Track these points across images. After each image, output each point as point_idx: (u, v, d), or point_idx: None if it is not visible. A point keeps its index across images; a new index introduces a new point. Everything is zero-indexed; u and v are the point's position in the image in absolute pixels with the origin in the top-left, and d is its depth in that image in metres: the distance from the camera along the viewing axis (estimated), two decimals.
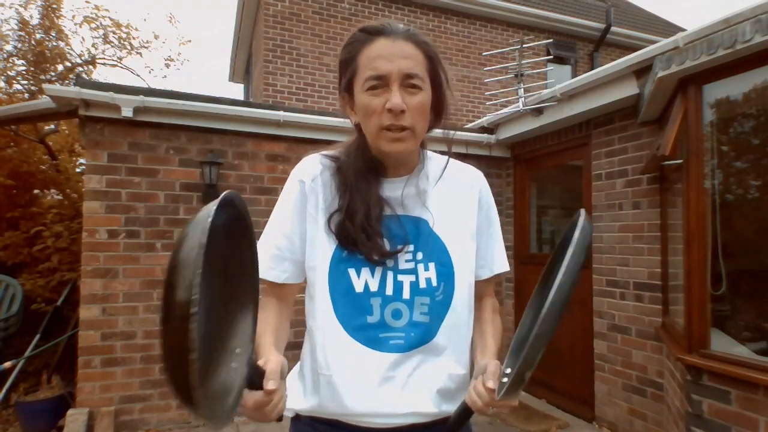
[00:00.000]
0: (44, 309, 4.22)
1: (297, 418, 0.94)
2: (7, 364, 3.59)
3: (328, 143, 3.95)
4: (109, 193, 3.31)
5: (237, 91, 12.05)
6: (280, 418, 0.76)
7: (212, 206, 0.57)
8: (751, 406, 2.11)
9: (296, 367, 0.98)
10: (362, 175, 0.92)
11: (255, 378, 0.68)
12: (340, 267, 0.89)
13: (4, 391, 3.67)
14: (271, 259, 0.92)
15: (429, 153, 1.00)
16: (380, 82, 0.84)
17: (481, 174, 1.03)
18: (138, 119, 3.31)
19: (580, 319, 3.70)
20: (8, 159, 4.93)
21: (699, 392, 2.33)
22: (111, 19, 8.13)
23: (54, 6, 7.18)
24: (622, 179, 3.32)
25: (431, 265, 0.90)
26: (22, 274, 4.40)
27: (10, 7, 7.02)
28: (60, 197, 5.43)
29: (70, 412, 3.14)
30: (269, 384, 0.68)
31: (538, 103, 3.76)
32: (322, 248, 0.91)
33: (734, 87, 2.44)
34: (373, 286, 0.88)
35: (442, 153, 1.01)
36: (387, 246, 0.89)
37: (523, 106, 3.86)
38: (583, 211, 0.78)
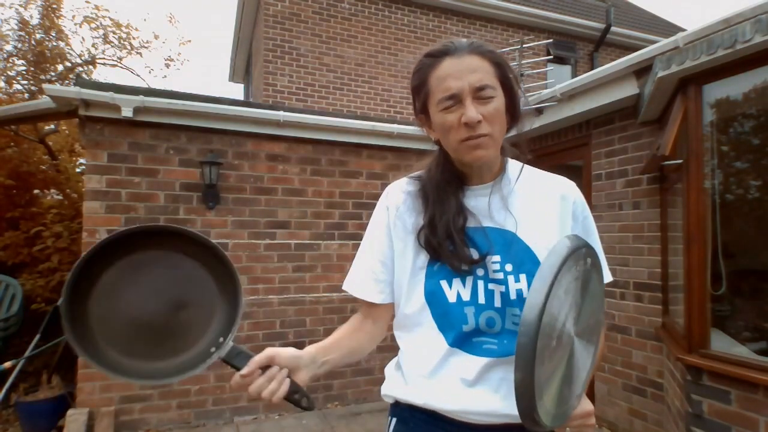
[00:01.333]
0: (44, 309, 4.22)
1: (396, 405, 1.00)
2: (7, 364, 3.58)
3: (328, 143, 3.98)
4: (109, 193, 3.31)
5: (237, 91, 12.07)
6: (296, 403, 0.87)
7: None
8: (751, 406, 2.11)
9: (394, 360, 1.04)
10: (442, 187, 0.96)
11: (235, 362, 0.82)
12: (434, 279, 0.94)
13: (4, 391, 3.67)
14: (370, 282, 1.00)
15: (510, 160, 1.02)
16: (453, 101, 0.87)
17: (573, 185, 1.01)
18: (138, 119, 3.31)
19: None
20: (8, 159, 4.93)
21: (699, 392, 2.33)
22: (111, 19, 8.13)
23: (54, 6, 7.17)
24: (622, 179, 3.32)
25: (522, 277, 0.90)
26: (22, 274, 4.40)
27: (10, 7, 7.01)
28: (60, 197, 5.43)
29: (70, 412, 3.14)
30: (243, 369, 0.80)
31: (538, 103, 3.76)
32: (417, 264, 0.96)
33: (734, 87, 2.44)
34: (465, 296, 0.91)
35: (519, 159, 1.03)
36: (472, 256, 0.91)
37: (523, 106, 3.86)
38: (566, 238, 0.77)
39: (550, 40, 6.16)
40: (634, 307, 3.22)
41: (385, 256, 1.00)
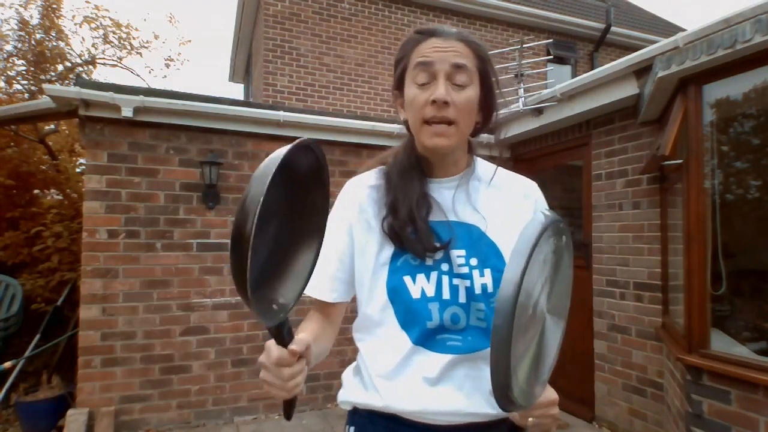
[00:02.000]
0: (44, 309, 4.22)
1: (355, 411, 0.96)
2: (7, 364, 3.59)
3: (328, 143, 3.97)
4: (109, 193, 3.31)
5: (237, 91, 12.07)
6: (290, 409, 0.77)
7: (286, 147, 0.67)
8: (751, 406, 2.11)
9: (353, 364, 1.01)
10: (406, 173, 0.94)
11: (285, 333, 0.70)
12: (397, 275, 0.90)
13: (4, 391, 3.67)
14: (324, 279, 0.95)
15: (479, 159, 1.01)
16: (428, 75, 0.86)
17: (535, 185, 1.01)
18: (138, 119, 3.31)
19: (580, 319, 3.70)
20: (8, 159, 4.93)
21: (699, 392, 2.33)
22: (111, 19, 8.12)
23: (54, 6, 7.17)
24: (622, 179, 3.32)
25: (487, 272, 0.89)
26: (22, 274, 4.40)
27: (10, 7, 7.01)
28: (60, 197, 5.43)
29: (70, 412, 3.14)
30: (294, 345, 0.70)
31: (538, 103, 3.76)
32: (379, 260, 0.92)
33: (734, 87, 2.44)
34: (430, 292, 0.88)
35: (490, 158, 1.02)
36: (435, 243, 0.89)
37: (523, 106, 3.86)
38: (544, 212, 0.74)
39: (550, 40, 6.15)
40: (634, 307, 3.22)
41: (344, 254, 0.95)
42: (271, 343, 0.71)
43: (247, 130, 3.66)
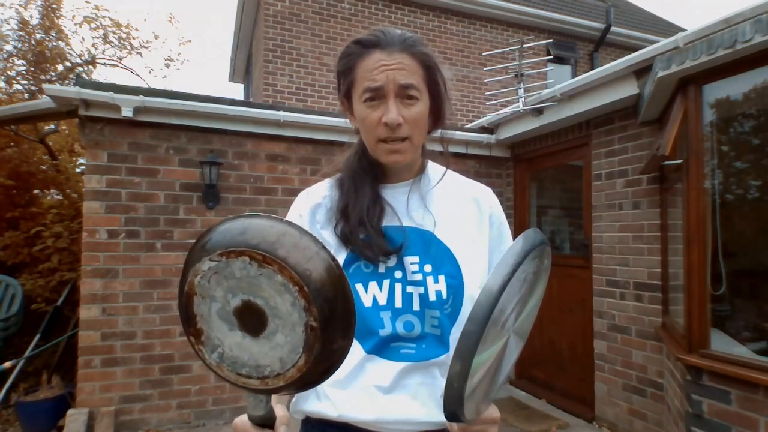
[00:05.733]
0: (44, 309, 4.22)
1: (307, 421, 0.94)
2: (7, 364, 3.59)
3: (328, 143, 3.96)
4: (109, 193, 3.31)
5: (237, 91, 12.09)
6: None
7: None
8: (751, 406, 2.11)
9: None
10: (358, 178, 0.93)
11: (268, 419, 0.72)
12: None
13: (4, 391, 3.68)
14: None
15: (431, 163, 1.00)
16: (376, 94, 0.85)
17: (489, 191, 1.01)
18: (138, 119, 3.31)
19: (580, 319, 3.70)
20: (8, 159, 4.93)
21: (699, 392, 2.34)
22: (111, 19, 8.14)
23: (54, 6, 7.18)
24: (622, 179, 3.32)
25: (441, 278, 0.88)
26: (22, 274, 4.40)
27: (10, 7, 7.03)
28: (60, 197, 5.43)
29: (70, 412, 3.14)
30: (281, 429, 0.70)
31: (538, 103, 3.76)
32: None
33: (734, 87, 2.45)
34: (382, 300, 0.87)
35: (441, 153, 1.01)
36: (387, 246, 0.87)
37: (523, 106, 3.86)
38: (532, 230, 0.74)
39: (550, 40, 6.15)
40: (634, 307, 3.22)
41: None
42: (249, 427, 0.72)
43: (247, 130, 3.66)
